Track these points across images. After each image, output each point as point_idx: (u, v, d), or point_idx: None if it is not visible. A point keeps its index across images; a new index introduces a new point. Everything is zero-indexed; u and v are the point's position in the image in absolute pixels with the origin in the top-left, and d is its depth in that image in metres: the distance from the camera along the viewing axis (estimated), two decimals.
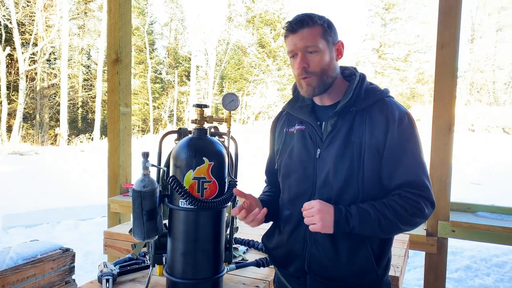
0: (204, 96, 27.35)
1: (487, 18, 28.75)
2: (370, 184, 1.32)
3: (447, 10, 2.76)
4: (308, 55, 1.34)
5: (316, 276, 1.40)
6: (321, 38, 1.34)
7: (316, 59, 1.34)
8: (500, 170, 12.53)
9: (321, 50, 1.34)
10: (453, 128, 2.79)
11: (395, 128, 1.31)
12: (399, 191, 1.30)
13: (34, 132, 22.33)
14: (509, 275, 4.40)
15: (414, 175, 1.31)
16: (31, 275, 1.66)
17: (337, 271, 1.36)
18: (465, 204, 3.11)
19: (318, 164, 1.37)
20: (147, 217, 1.31)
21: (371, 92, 1.39)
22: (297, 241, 1.42)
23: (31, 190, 8.86)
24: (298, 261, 1.42)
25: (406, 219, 1.28)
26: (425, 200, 1.30)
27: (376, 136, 1.31)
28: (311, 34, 1.33)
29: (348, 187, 1.32)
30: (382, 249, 1.38)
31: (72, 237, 5.58)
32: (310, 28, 1.33)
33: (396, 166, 1.31)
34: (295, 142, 1.44)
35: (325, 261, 1.37)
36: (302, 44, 1.33)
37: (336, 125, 1.36)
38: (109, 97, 3.78)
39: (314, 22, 1.33)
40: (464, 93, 27.11)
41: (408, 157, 1.31)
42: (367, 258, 1.34)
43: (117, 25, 3.69)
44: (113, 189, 3.79)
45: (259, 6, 28.04)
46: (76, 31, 24.85)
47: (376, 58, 29.41)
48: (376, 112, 1.34)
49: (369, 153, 1.31)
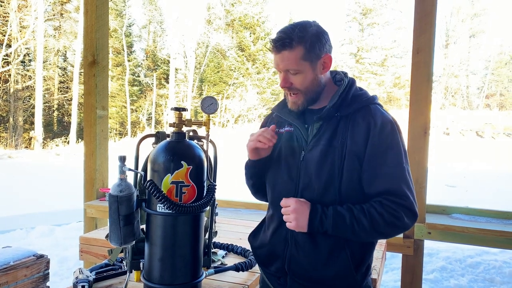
0: (183, 99, 27.21)
1: (461, 24, 29.55)
2: (349, 189, 1.33)
3: (423, 16, 2.82)
4: (290, 75, 1.35)
5: (295, 277, 1.40)
6: (301, 60, 1.32)
7: (298, 80, 1.35)
8: (473, 173, 12.87)
9: (303, 71, 1.34)
10: (428, 132, 2.85)
11: (376, 135, 1.31)
12: (380, 199, 1.29)
13: (8, 136, 21.78)
14: (483, 276, 4.50)
15: (394, 184, 1.29)
16: (3, 282, 1.61)
17: (316, 273, 1.37)
18: (440, 206, 3.17)
19: (301, 166, 1.38)
20: (124, 222, 1.29)
21: (358, 98, 1.39)
22: (278, 241, 1.44)
23: (4, 194, 8.63)
24: (279, 261, 1.43)
25: (383, 227, 1.27)
26: (406, 209, 1.28)
27: (356, 142, 1.32)
28: (291, 57, 1.32)
29: (328, 191, 1.33)
30: (362, 255, 1.39)
31: (47, 243, 5.44)
32: (290, 51, 1.31)
33: (376, 174, 1.30)
34: (283, 143, 1.45)
35: (304, 262, 1.38)
36: (283, 66, 1.34)
37: (320, 129, 1.37)
38: (86, 100, 3.72)
39: (295, 45, 1.31)
40: (439, 97, 27.78)
41: (389, 165, 1.30)
42: (346, 262, 1.35)
43: (94, 27, 3.63)
44: (89, 194, 3.72)
45: (239, 9, 28.11)
46: (52, 33, 24.39)
47: (353, 62, 29.85)
48: (359, 118, 1.34)
49: (349, 159, 1.31)
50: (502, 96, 30.18)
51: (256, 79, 27.17)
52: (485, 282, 4.38)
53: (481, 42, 29.68)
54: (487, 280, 4.42)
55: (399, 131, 1.36)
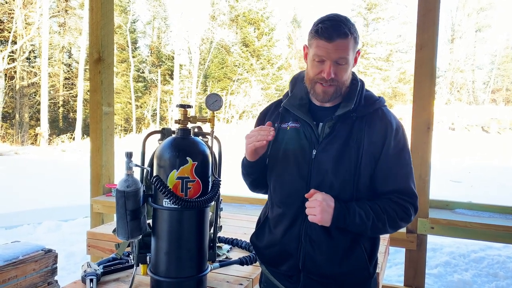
0: (187, 95, 27.20)
1: (467, 18, 29.28)
2: (365, 188, 1.38)
3: (426, 12, 2.82)
4: (336, 66, 1.33)
5: (310, 274, 1.42)
6: (351, 51, 1.34)
7: (343, 71, 1.35)
8: (479, 168, 12.81)
9: (349, 62, 1.36)
10: (431, 127, 2.85)
11: (392, 137, 1.38)
12: (391, 196, 1.38)
13: (14, 132, 21.90)
14: (487, 270, 4.51)
15: (404, 183, 1.39)
16: (13, 276, 1.64)
17: (332, 269, 1.40)
18: (443, 202, 3.18)
19: (313, 164, 1.39)
20: (130, 217, 1.31)
21: (370, 100, 1.44)
22: (291, 240, 1.44)
23: (11, 190, 8.70)
24: (292, 260, 1.44)
25: (395, 222, 1.36)
26: (412, 206, 1.39)
27: (374, 143, 1.37)
28: (345, 46, 1.31)
29: (345, 189, 1.36)
30: (373, 248, 1.46)
31: (54, 238, 5.50)
32: (345, 40, 1.30)
33: (390, 174, 1.38)
34: (289, 139, 1.44)
35: (320, 259, 1.40)
36: (336, 55, 1.31)
37: (334, 128, 1.39)
38: (91, 97, 3.75)
39: (349, 34, 1.31)
40: (445, 92, 27.58)
41: (401, 166, 1.39)
42: (362, 256, 1.41)
43: (99, 24, 3.65)
44: (96, 189, 3.76)
45: (243, 5, 28.01)
46: (57, 29, 24.45)
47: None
48: (376, 120, 1.39)
49: (366, 158, 1.36)
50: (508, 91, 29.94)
51: (261, 74, 27.12)
52: (488, 277, 4.38)
53: (487, 37, 29.44)
54: (490, 275, 4.43)
55: (405, 133, 1.46)
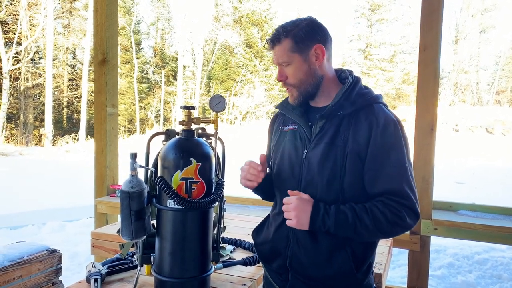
0: (191, 96, 27.25)
1: (471, 19, 29.18)
2: (352, 188, 1.33)
3: (429, 13, 2.82)
4: (284, 68, 1.42)
5: (297, 274, 1.43)
6: (290, 52, 1.38)
7: (290, 71, 1.41)
8: (483, 170, 12.76)
9: (293, 62, 1.39)
10: (435, 129, 2.85)
11: (378, 134, 1.30)
12: (383, 198, 1.29)
13: (18, 133, 22.00)
14: (490, 272, 4.50)
15: (396, 184, 1.29)
16: (18, 276, 1.66)
17: (317, 272, 1.39)
18: (447, 203, 3.18)
19: (304, 164, 1.40)
20: (135, 217, 1.32)
21: (362, 96, 1.38)
22: (280, 238, 1.46)
23: (16, 191, 8.74)
24: (281, 258, 1.46)
25: (385, 226, 1.27)
26: (408, 209, 1.28)
27: (358, 141, 1.32)
28: (280, 50, 1.40)
29: (330, 189, 1.34)
30: (363, 253, 1.39)
31: (58, 239, 5.52)
32: (279, 45, 1.40)
33: (379, 174, 1.30)
34: (286, 141, 1.48)
35: (305, 260, 1.40)
36: (276, 60, 1.43)
37: (323, 127, 1.38)
38: (96, 98, 3.77)
39: (283, 38, 1.38)
40: (449, 94, 27.48)
41: (391, 165, 1.30)
42: (347, 261, 1.35)
43: (104, 26, 3.67)
44: (100, 190, 3.77)
45: (246, 6, 28.06)
46: (61, 30, 24.57)
47: (362, 58, 29.68)
48: (361, 117, 1.34)
49: (351, 158, 1.32)
50: None
51: (264, 76, 27.13)
52: (492, 279, 4.37)
53: (492, 38, 29.30)
54: (494, 276, 4.41)
55: (402, 131, 1.35)
